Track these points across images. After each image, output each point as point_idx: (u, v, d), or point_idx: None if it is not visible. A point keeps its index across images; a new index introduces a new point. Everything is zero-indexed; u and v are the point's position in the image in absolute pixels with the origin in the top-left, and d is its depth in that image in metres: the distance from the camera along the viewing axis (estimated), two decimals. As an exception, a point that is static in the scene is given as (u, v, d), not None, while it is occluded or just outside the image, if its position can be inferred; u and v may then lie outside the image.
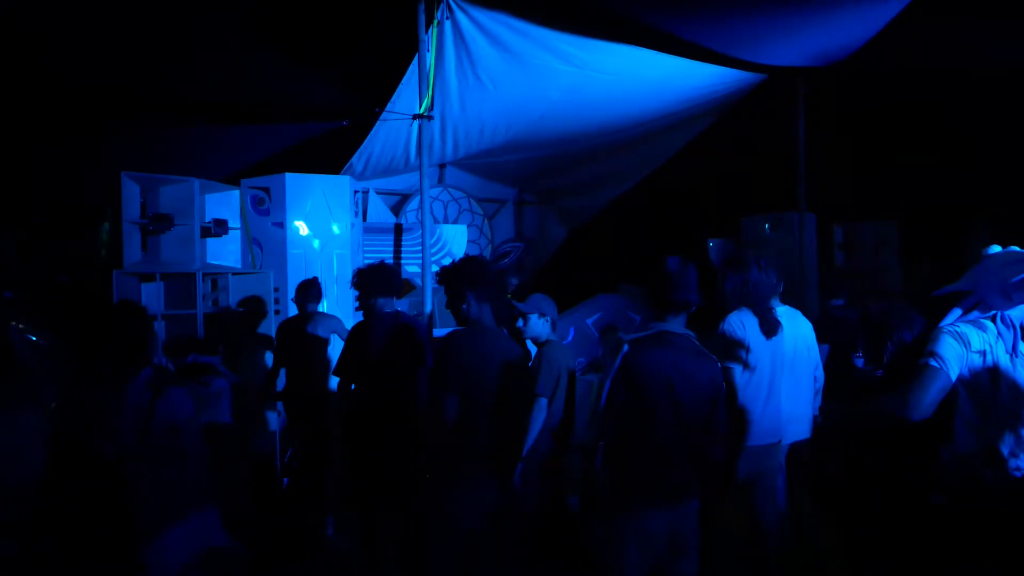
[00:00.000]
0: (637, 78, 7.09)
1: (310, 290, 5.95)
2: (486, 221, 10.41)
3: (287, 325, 6.03)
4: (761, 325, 4.18)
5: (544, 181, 10.45)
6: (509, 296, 9.08)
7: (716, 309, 4.23)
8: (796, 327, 4.54)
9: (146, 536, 3.10)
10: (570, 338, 7.49)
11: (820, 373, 4.61)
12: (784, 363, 4.39)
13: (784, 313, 4.59)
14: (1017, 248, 2.96)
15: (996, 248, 3.00)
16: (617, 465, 3.23)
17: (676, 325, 3.27)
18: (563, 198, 10.79)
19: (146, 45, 5.71)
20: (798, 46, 6.82)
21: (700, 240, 9.38)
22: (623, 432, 3.20)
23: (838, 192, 8.56)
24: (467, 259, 3.77)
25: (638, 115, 8.01)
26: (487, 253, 10.36)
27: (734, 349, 4.07)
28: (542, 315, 4.70)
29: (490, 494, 3.48)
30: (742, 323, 4.16)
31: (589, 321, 7.58)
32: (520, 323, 4.85)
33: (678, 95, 7.62)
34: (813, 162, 7.91)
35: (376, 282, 4.83)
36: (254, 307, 6.44)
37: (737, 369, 4.08)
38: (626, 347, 3.20)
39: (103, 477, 3.09)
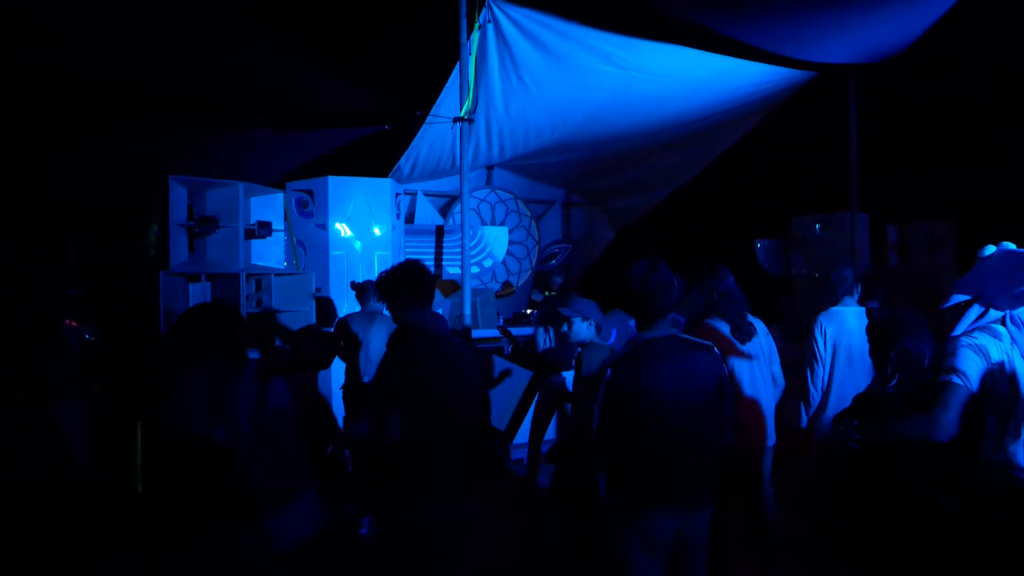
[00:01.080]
0: (682, 77, 7.00)
1: (369, 290, 6.03)
2: (533, 222, 10.41)
3: (346, 321, 6.10)
4: (733, 332, 4.17)
5: (592, 182, 10.41)
6: (552, 299, 9.10)
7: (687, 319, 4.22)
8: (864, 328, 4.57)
9: (269, 509, 3.40)
10: (612, 339, 7.44)
11: None
12: (840, 363, 4.41)
13: (854, 313, 4.71)
14: (1011, 245, 2.89)
15: (991, 248, 2.93)
16: (619, 481, 3.17)
17: (660, 329, 3.19)
18: (611, 199, 10.72)
19: (199, 54, 5.87)
20: (849, 42, 6.66)
21: (748, 241, 9.23)
22: (621, 452, 3.15)
23: (892, 192, 8.34)
24: (402, 264, 3.66)
25: (684, 115, 7.91)
26: (534, 254, 10.36)
27: None
28: (585, 318, 4.75)
29: (458, 510, 3.44)
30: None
31: (632, 322, 7.51)
32: (564, 327, 4.90)
33: (724, 94, 7.50)
34: (866, 161, 7.73)
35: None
36: (323, 306, 6.65)
37: None
38: (608, 372, 3.14)
39: (218, 460, 3.36)
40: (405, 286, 3.50)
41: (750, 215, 9.39)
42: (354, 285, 6.20)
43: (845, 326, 4.64)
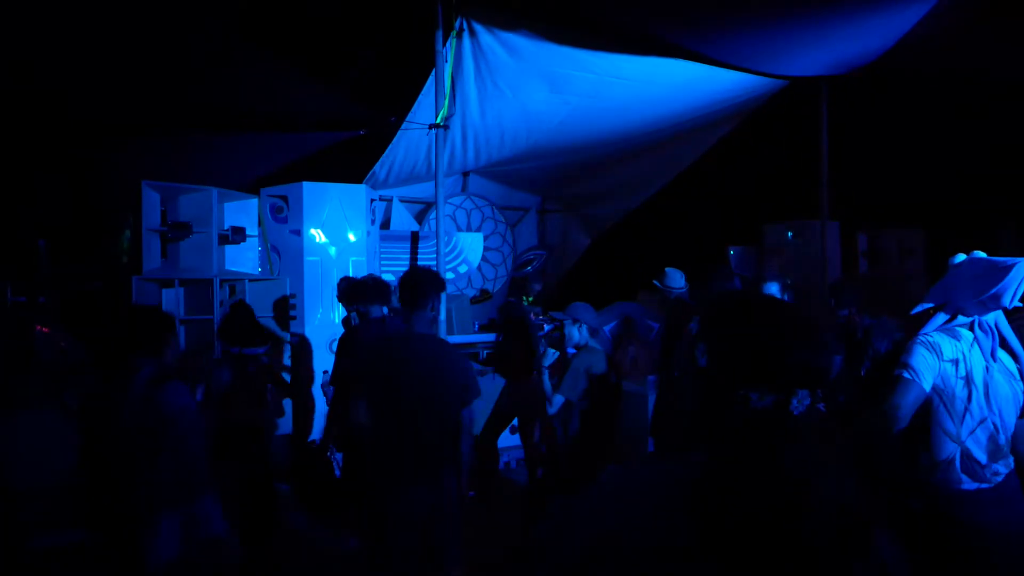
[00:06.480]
0: (656, 82, 7.05)
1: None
2: (509, 229, 10.44)
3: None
4: None
5: (566, 188, 10.46)
6: (531, 303, 9.13)
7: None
8: None
9: (146, 524, 3.19)
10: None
11: None
12: None
13: None
14: (981, 254, 2.97)
15: (961, 256, 3.02)
16: None
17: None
18: (585, 206, 10.77)
19: (175, 68, 5.85)
20: (819, 56, 6.75)
21: (721, 248, 9.31)
22: None
23: (863, 200, 8.44)
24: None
25: (657, 120, 7.96)
26: (509, 261, 10.38)
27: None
28: (575, 321, 4.91)
29: (430, 499, 3.56)
30: None
31: (606, 328, 7.58)
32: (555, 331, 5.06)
33: (698, 100, 7.56)
34: (839, 168, 7.81)
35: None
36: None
37: None
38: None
39: (114, 470, 3.24)
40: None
41: (723, 222, 9.48)
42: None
43: None
